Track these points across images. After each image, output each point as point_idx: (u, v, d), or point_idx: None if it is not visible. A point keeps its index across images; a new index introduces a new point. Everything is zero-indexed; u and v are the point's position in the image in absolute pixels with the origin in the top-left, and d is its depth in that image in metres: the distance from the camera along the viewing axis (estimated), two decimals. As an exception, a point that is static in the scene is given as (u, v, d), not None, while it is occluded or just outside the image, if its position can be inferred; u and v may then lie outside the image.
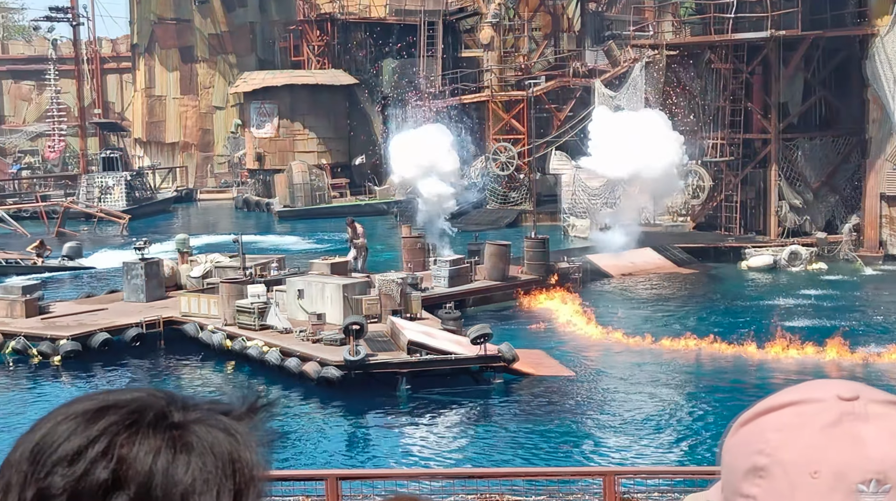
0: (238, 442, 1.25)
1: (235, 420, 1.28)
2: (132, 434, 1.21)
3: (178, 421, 1.24)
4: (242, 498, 1.23)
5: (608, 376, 23.90)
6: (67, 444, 1.20)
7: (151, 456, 1.19)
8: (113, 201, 57.05)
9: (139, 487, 1.18)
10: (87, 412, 1.23)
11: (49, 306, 28.62)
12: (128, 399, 1.25)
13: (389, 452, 19.40)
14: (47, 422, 1.25)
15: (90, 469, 1.18)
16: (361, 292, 26.66)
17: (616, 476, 10.43)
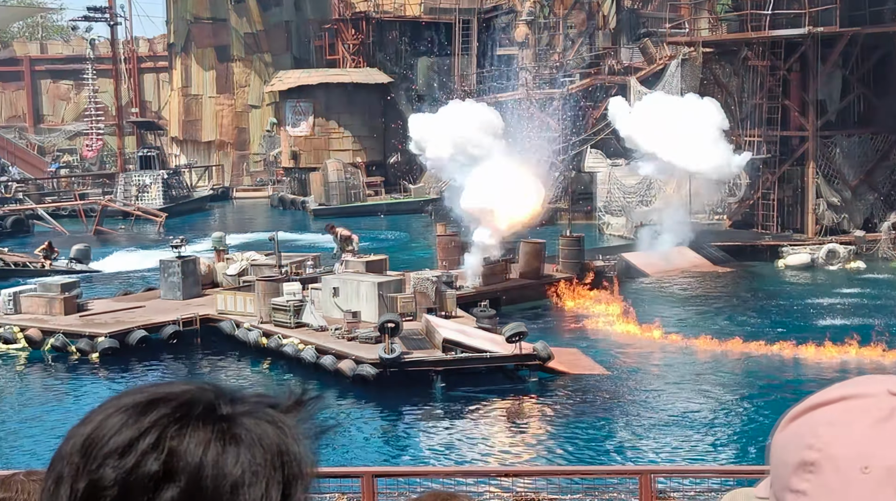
0: (286, 435, 1.26)
1: (283, 413, 1.29)
2: (182, 427, 1.22)
3: (227, 414, 1.25)
4: (290, 490, 1.24)
5: (644, 374, 23.81)
6: (118, 437, 1.21)
7: (201, 448, 1.20)
8: (150, 200, 57.45)
9: (190, 479, 1.18)
10: (138, 404, 1.24)
11: (87, 304, 28.87)
12: (177, 392, 1.26)
13: (424, 450, 19.42)
14: (98, 415, 1.26)
15: (141, 461, 1.19)
16: (396, 290, 26.70)
17: (652, 475, 10.38)
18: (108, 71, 66.47)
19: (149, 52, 74.26)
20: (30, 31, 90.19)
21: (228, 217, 59.11)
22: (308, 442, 1.28)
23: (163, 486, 1.18)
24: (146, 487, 1.18)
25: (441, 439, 19.97)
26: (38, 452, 19.00)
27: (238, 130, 67.53)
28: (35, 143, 71.88)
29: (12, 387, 24.40)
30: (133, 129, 68.59)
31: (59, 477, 1.23)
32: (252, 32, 66.35)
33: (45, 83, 74.82)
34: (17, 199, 57.29)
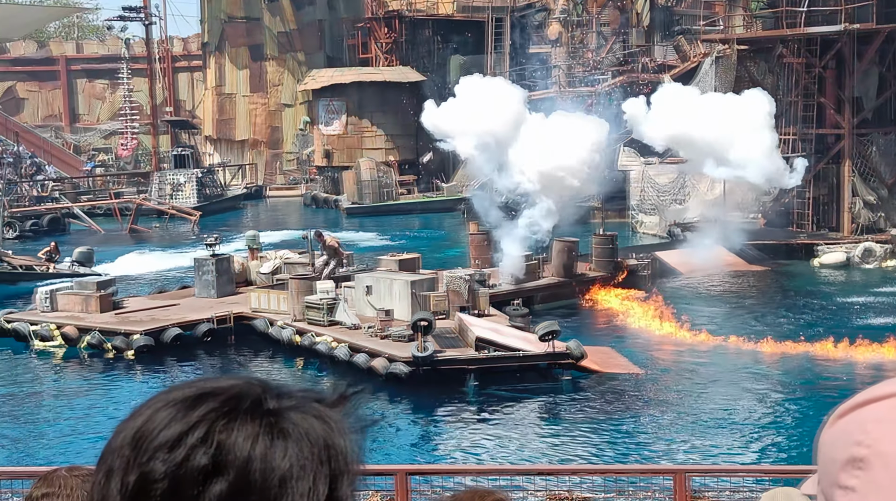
0: (332, 429, 1.27)
1: (328, 408, 1.30)
2: (230, 421, 1.23)
3: (274, 408, 1.26)
4: (337, 484, 1.25)
5: (677, 373, 23.71)
6: (168, 430, 1.22)
7: (250, 442, 1.21)
8: (184, 198, 57.81)
9: (238, 472, 1.20)
10: (186, 399, 1.26)
11: (122, 302, 29.10)
12: (225, 387, 1.27)
13: (457, 448, 19.43)
14: (147, 409, 1.27)
15: (190, 454, 1.20)
16: (429, 288, 26.73)
17: (687, 474, 10.32)
18: (142, 70, 66.93)
19: (183, 51, 74.69)
20: (66, 31, 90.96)
21: (261, 216, 59.38)
22: (353, 437, 1.29)
23: (212, 479, 1.20)
24: (195, 480, 1.19)
25: (474, 437, 19.98)
26: (75, 448, 19.18)
27: (271, 129, 67.82)
28: (71, 142, 72.51)
29: (49, 384, 24.63)
30: (167, 128, 69.02)
31: (109, 470, 1.24)
32: (285, 31, 66.61)
33: (81, 82, 75.43)
34: (54, 198, 57.83)
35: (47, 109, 75.04)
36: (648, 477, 11.73)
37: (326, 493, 1.24)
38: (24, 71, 74.20)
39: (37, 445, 19.99)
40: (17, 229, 50.10)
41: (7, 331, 27.45)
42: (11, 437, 20.46)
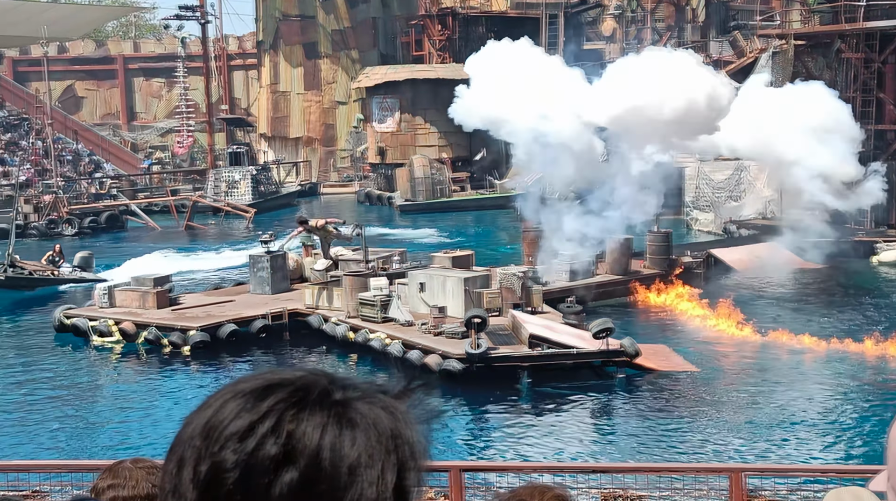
0: (398, 420, 1.28)
1: (393, 399, 1.31)
2: (299, 411, 1.24)
3: (341, 399, 1.28)
4: (405, 474, 1.26)
5: (733, 372, 23.52)
6: (238, 420, 1.24)
7: (319, 432, 1.23)
8: (239, 196, 58.27)
9: (309, 461, 1.21)
10: (255, 390, 1.27)
11: (179, 298, 29.41)
12: (292, 378, 1.29)
13: (511, 445, 19.42)
14: (216, 400, 1.29)
15: (261, 444, 1.22)
16: (483, 285, 26.73)
17: (743, 473, 10.25)
18: (198, 69, 67.54)
19: (238, 49, 75.27)
20: (124, 31, 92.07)
21: (315, 213, 59.66)
22: (419, 428, 1.30)
23: (282, 469, 1.21)
24: (266, 469, 1.21)
25: (527, 434, 19.96)
26: (132, 443, 19.43)
27: (325, 127, 68.16)
28: (128, 140, 73.39)
29: (108, 379, 24.97)
30: (223, 125, 69.63)
31: (181, 460, 1.26)
32: (339, 29, 66.90)
33: (139, 81, 76.28)
34: (112, 195, 58.58)
35: (105, 108, 75.96)
36: (704, 476, 11.64)
37: (394, 482, 1.25)
38: (83, 70, 75.17)
39: (95, 439, 20.27)
40: (76, 226, 50.78)
41: (67, 327, 27.89)
42: (71, 431, 20.77)
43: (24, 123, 68.21)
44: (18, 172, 59.30)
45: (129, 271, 37.22)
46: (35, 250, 44.93)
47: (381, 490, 1.23)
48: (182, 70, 68.95)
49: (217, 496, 1.22)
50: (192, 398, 22.28)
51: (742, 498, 10.13)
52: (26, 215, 51.11)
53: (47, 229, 50.11)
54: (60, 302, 31.93)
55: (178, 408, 21.72)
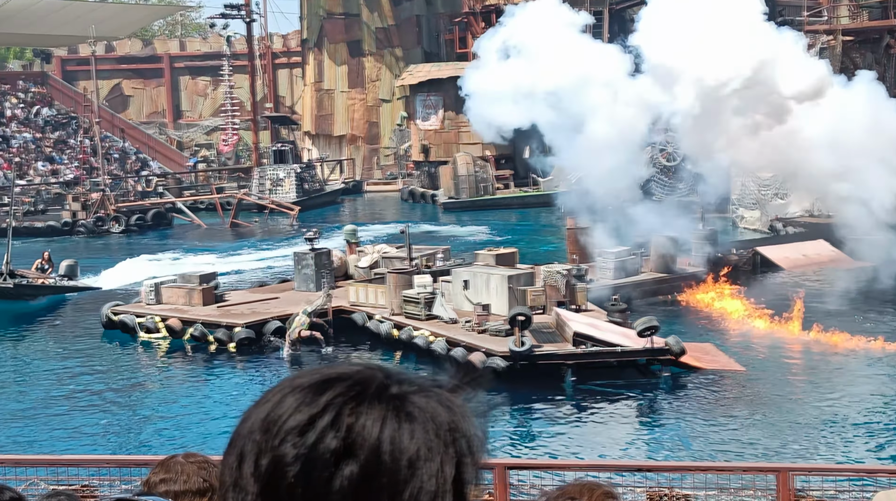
0: (455, 413, 1.28)
1: (449, 393, 1.32)
2: (358, 405, 1.25)
3: (398, 393, 1.28)
4: (463, 467, 1.27)
5: (780, 371, 23.30)
6: (298, 415, 1.25)
7: (378, 425, 1.23)
8: (284, 193, 58.58)
9: (369, 455, 1.22)
10: (314, 384, 1.28)
11: (225, 295, 29.62)
12: (349, 372, 1.30)
13: (555, 443, 19.38)
14: (275, 395, 1.30)
15: (321, 438, 1.23)
16: (527, 283, 26.69)
17: (790, 472, 10.16)
18: (244, 67, 67.97)
19: (283, 47, 75.67)
20: (170, 29, 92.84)
21: (359, 210, 59.88)
22: (476, 421, 1.31)
23: (343, 462, 1.22)
24: (327, 463, 1.22)
25: (572, 432, 19.90)
26: (182, 437, 19.59)
27: (369, 125, 68.36)
28: (174, 138, 74.03)
29: (155, 375, 25.21)
30: (267, 124, 70.02)
31: (241, 455, 1.27)
32: (383, 27, 67.07)
33: (184, 80, 76.88)
34: (158, 193, 59.12)
35: (152, 106, 76.64)
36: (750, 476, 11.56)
37: (453, 475, 1.25)
38: (130, 69, 75.90)
39: (143, 435, 20.47)
40: (123, 224, 51.30)
41: (114, 323, 28.19)
42: (119, 427, 20.98)
43: (73, 122, 69.01)
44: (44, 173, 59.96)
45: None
46: (83, 249, 45.50)
47: (441, 484, 1.24)
48: (227, 68, 69.37)
49: (278, 489, 1.23)
50: (237, 395, 22.45)
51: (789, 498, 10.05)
52: (74, 212, 51.73)
53: (95, 226, 50.67)
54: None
55: (225, 404, 21.89)
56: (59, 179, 62.23)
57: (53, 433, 20.28)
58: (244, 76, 68.64)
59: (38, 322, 31.33)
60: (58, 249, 44.81)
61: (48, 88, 72.82)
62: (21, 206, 54.92)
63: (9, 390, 24.17)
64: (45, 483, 10.04)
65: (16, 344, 28.77)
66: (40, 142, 66.31)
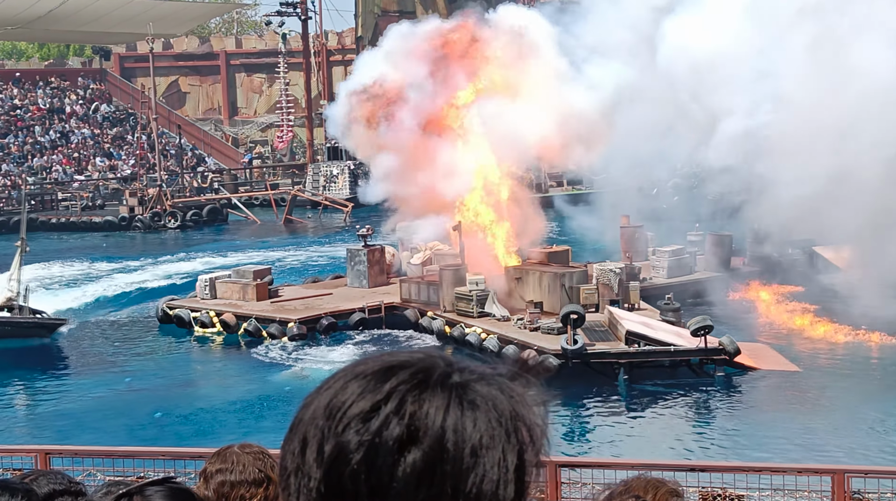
0: (517, 401, 1.29)
1: (510, 381, 1.32)
2: (421, 392, 1.26)
3: (460, 381, 1.29)
4: (525, 455, 1.27)
5: (835, 371, 23.01)
6: (362, 401, 1.26)
7: (441, 413, 1.24)
8: (337, 190, 58.81)
9: (433, 442, 1.22)
10: (377, 372, 1.29)
11: (278, 290, 29.81)
12: (412, 360, 1.30)
13: (607, 442, 19.30)
14: (336, 382, 1.31)
15: (385, 425, 1.23)
16: (580, 281, 26.59)
17: (847, 475, 10.05)
18: (299, 64, 68.31)
19: (338, 45, 75.93)
20: (226, 27, 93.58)
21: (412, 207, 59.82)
22: (538, 409, 1.31)
23: (406, 449, 1.23)
24: (391, 450, 1.23)
25: (624, 431, 19.81)
26: (235, 430, 19.75)
27: (423, 122, 68.40)
28: (230, 134, 74.59)
29: (210, 369, 25.46)
30: (322, 121, 70.29)
31: (304, 440, 1.28)
32: (438, 25, 67.10)
33: (240, 77, 77.42)
34: (214, 188, 59.62)
35: (208, 103, 77.27)
36: (805, 477, 11.45)
37: (515, 463, 1.26)
38: (187, 66, 76.58)
39: (197, 427, 20.67)
40: (179, 219, 51.81)
41: (170, 317, 28.49)
42: (174, 419, 21.21)
43: (131, 118, 69.82)
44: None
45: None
46: (139, 244, 46.03)
47: (503, 472, 1.24)
48: (283, 66, 69.80)
49: (342, 475, 1.24)
50: (289, 390, 22.59)
51: (845, 500, 9.94)
52: (131, 208, 52.34)
53: (151, 222, 51.22)
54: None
55: (278, 398, 22.03)
56: (116, 174, 63.02)
57: (109, 425, 20.55)
58: (299, 73, 68.99)
59: (95, 314, 31.71)
60: (114, 243, 45.48)
61: (107, 85, 73.75)
62: (80, 201, 55.75)
63: (68, 382, 24.53)
64: (102, 475, 10.17)
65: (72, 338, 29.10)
66: (99, 138, 67.18)
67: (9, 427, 21.25)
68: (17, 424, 21.83)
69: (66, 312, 30.29)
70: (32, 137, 64.75)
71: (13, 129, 65.01)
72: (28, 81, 70.51)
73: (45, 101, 68.81)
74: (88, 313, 31.96)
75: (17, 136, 64.48)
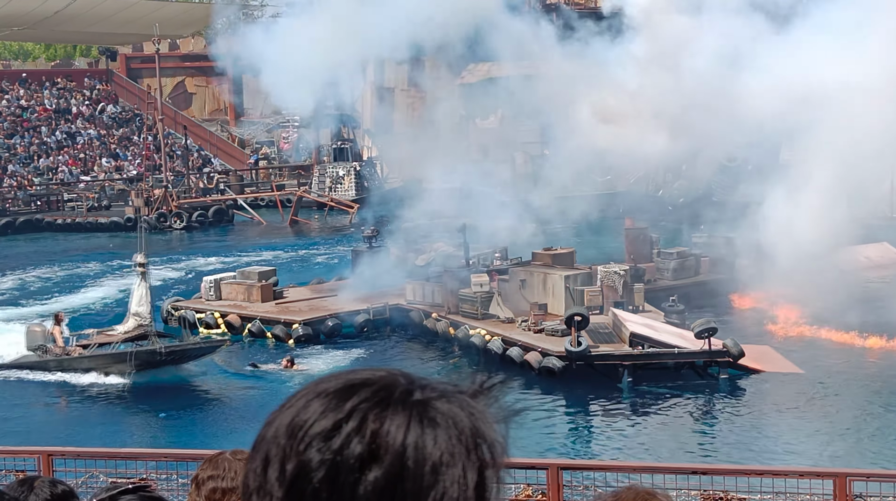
0: (477, 418, 1.29)
1: (470, 398, 1.32)
2: (382, 410, 1.26)
3: (422, 398, 1.29)
4: (485, 473, 1.27)
5: (839, 374, 22.97)
6: (323, 420, 1.26)
7: (402, 431, 1.24)
8: (343, 191, 58.81)
9: (393, 460, 1.23)
10: (338, 390, 1.29)
11: (283, 292, 29.81)
12: (374, 378, 1.31)
13: (610, 444, 19.30)
14: (299, 400, 1.31)
15: (346, 443, 1.24)
16: (584, 283, 26.57)
17: (849, 478, 10.03)
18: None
19: (344, 46, 75.79)
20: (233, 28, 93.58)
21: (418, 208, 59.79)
22: (498, 427, 1.31)
23: (368, 467, 1.23)
24: (352, 468, 1.23)
25: (628, 433, 19.81)
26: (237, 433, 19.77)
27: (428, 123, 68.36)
28: (236, 135, 74.61)
29: (214, 370, 25.43)
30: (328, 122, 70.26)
31: (266, 459, 1.28)
32: (443, 25, 67.04)
33: (246, 77, 77.39)
34: (220, 189, 59.66)
35: (214, 104, 77.29)
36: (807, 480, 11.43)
37: (475, 481, 1.26)
38: (193, 66, 76.59)
39: (201, 428, 20.69)
40: (185, 220, 51.84)
41: (174, 318, 28.50)
42: (177, 420, 21.23)
43: (137, 119, 69.90)
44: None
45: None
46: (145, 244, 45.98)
47: (463, 489, 1.25)
48: (289, 67, 69.62)
49: (303, 494, 1.24)
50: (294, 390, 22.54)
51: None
52: (137, 208, 52.38)
53: (157, 222, 51.25)
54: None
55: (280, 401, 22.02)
56: (122, 175, 63.08)
57: (112, 427, 20.58)
58: (305, 74, 68.91)
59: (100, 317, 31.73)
60: (120, 244, 45.45)
61: (113, 86, 73.81)
62: (86, 201, 55.80)
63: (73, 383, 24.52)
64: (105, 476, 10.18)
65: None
66: (105, 138, 67.26)
67: (13, 429, 21.27)
68: (20, 425, 21.85)
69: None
70: (39, 137, 64.84)
71: (20, 129, 65.10)
72: (34, 81, 70.60)
73: (51, 101, 68.91)
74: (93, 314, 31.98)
75: (23, 136, 64.56)
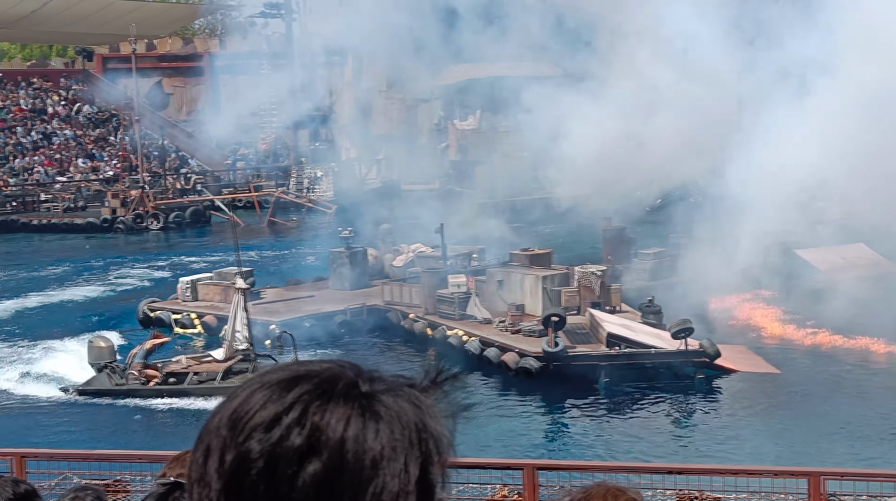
0: (424, 413, 1.28)
1: (420, 392, 1.31)
2: (324, 403, 1.25)
3: (367, 391, 1.28)
4: (429, 467, 1.26)
5: (814, 374, 23.10)
6: (264, 411, 1.25)
7: (343, 424, 1.23)
8: (321, 192, 58.75)
9: (332, 453, 1.22)
10: (282, 381, 1.28)
11: (261, 292, 29.72)
12: (319, 370, 1.29)
13: (587, 444, 19.33)
14: (243, 391, 1.30)
15: (286, 435, 1.22)
16: (561, 283, 26.62)
17: (822, 477, 10.07)
18: (283, 66, 68.16)
19: (322, 47, 75.73)
20: (210, 28, 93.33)
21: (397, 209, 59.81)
22: (446, 421, 1.30)
23: (307, 460, 1.22)
24: (291, 460, 1.22)
25: (604, 433, 19.85)
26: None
27: (407, 124, 68.37)
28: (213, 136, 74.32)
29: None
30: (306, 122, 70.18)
31: (207, 450, 1.27)
32: (422, 27, 67.05)
33: (224, 78, 77.23)
34: (197, 190, 59.47)
35: (191, 104, 77.08)
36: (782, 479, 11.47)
37: (417, 475, 1.25)
38: (170, 67, 76.37)
39: (176, 429, 20.60)
40: (162, 221, 51.65)
41: (150, 320, 28.38)
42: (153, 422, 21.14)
43: (113, 119, 69.59)
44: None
45: None
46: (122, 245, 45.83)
47: (404, 483, 1.23)
48: (266, 67, 69.67)
49: (242, 485, 1.23)
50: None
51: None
52: (113, 209, 52.16)
53: (134, 223, 51.05)
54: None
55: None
56: (99, 176, 62.79)
57: (86, 429, 20.46)
58: (284, 75, 68.82)
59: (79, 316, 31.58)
60: (97, 245, 45.29)
61: (89, 86, 73.48)
62: (62, 202, 55.53)
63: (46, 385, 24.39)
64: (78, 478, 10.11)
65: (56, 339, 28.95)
66: (81, 139, 66.93)
67: None
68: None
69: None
70: (14, 138, 64.46)
71: (-5, 130, 64.76)
72: (10, 81, 70.20)
73: (27, 101, 68.53)
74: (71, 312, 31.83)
75: (-1, 137, 64.23)
